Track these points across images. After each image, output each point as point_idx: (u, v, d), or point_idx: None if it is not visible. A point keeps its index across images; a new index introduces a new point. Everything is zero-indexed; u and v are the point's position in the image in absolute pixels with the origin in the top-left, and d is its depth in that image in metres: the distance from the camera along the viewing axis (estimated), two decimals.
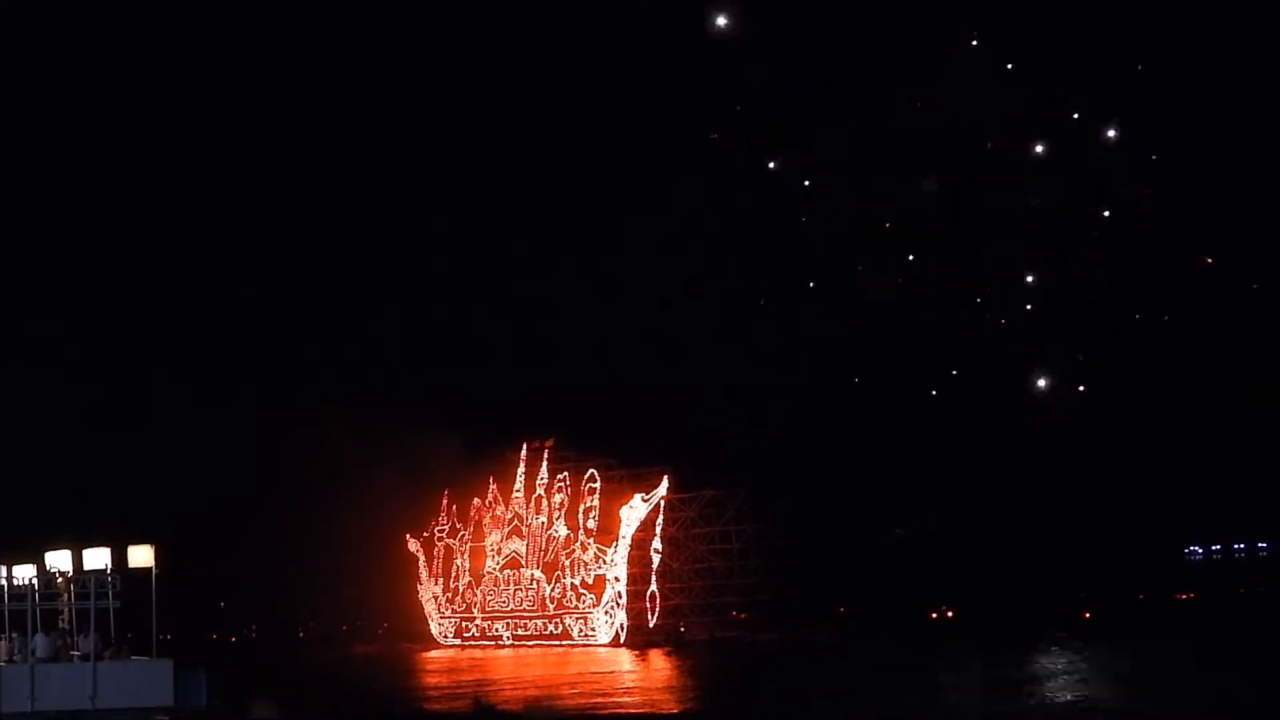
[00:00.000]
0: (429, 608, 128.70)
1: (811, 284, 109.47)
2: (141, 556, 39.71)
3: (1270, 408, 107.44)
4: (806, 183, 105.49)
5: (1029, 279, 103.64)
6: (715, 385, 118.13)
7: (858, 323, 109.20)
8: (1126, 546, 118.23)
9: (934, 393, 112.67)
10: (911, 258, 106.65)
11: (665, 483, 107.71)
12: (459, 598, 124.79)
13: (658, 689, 70.36)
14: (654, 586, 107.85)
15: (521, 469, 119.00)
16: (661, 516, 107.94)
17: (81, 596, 39.91)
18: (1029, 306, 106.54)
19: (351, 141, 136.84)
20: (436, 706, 64.03)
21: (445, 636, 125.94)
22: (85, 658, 39.33)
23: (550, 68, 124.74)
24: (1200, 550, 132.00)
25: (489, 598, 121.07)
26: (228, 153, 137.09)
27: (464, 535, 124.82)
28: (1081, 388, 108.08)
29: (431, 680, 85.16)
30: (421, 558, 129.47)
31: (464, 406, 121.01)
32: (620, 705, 61.02)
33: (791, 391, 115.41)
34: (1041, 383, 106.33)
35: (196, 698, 39.75)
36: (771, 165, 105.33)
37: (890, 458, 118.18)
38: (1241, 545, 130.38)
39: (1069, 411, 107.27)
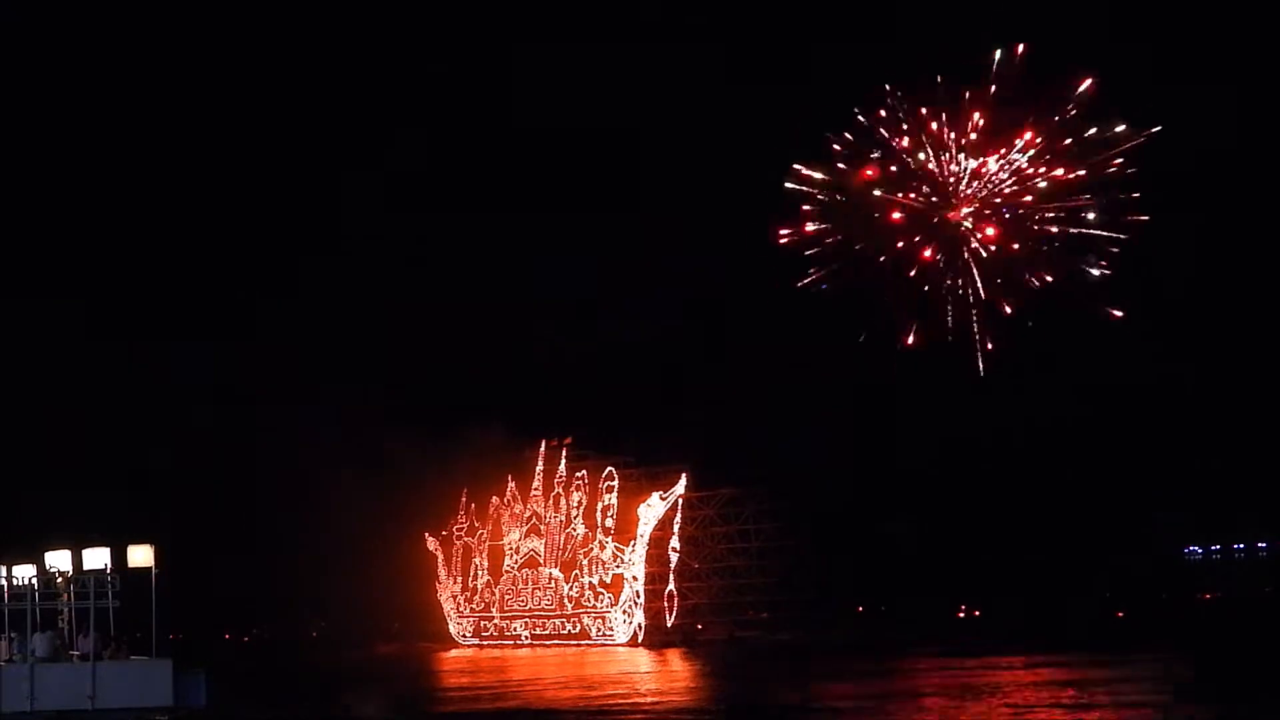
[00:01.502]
0: (448, 607, 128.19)
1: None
2: (141, 556, 39.21)
3: (1270, 408, 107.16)
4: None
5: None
6: (727, 386, 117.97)
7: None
8: (1127, 546, 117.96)
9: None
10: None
11: (683, 481, 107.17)
12: (477, 597, 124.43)
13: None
14: (672, 585, 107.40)
15: (540, 467, 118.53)
16: (680, 515, 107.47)
17: (81, 596, 39.51)
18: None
19: (355, 137, 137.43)
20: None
21: (464, 636, 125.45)
22: (84, 657, 38.95)
23: (550, 68, 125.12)
24: (1200, 550, 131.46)
25: (507, 597, 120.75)
26: (228, 153, 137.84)
27: (482, 534, 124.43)
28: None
29: (479, 680, 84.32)
30: (440, 556, 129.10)
31: (476, 404, 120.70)
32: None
33: (801, 394, 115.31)
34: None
35: (196, 698, 39.31)
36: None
37: (892, 458, 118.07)
38: (1241, 545, 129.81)
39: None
